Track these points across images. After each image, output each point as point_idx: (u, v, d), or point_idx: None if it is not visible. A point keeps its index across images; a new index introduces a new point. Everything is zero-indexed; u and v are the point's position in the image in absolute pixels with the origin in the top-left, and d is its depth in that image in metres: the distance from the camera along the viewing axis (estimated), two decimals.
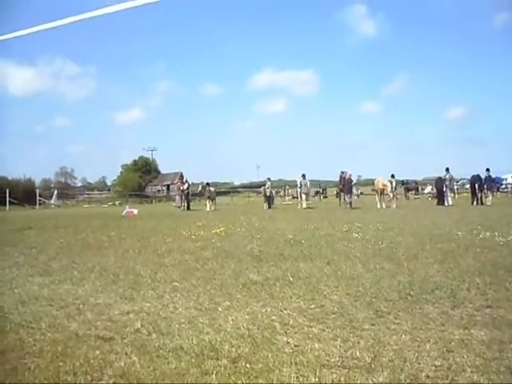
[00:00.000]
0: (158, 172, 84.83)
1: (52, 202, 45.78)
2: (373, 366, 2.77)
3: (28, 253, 8.07)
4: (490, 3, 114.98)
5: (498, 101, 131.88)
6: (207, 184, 28.50)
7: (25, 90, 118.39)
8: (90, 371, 2.78)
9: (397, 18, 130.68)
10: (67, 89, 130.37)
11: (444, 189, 24.75)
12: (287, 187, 49.64)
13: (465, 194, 32.59)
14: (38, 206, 40.84)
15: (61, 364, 2.88)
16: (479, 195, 24.41)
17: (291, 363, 2.82)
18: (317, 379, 2.61)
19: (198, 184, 31.75)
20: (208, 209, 26.15)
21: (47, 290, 5.05)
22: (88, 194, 67.25)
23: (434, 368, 2.72)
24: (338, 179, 26.95)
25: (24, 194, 43.34)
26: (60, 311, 4.18)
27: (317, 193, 48.06)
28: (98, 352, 3.08)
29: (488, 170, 24.57)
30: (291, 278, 5.38)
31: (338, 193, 31.57)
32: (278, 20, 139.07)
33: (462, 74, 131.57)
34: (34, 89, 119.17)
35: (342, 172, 25.75)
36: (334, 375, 2.66)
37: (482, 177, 24.48)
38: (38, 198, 42.40)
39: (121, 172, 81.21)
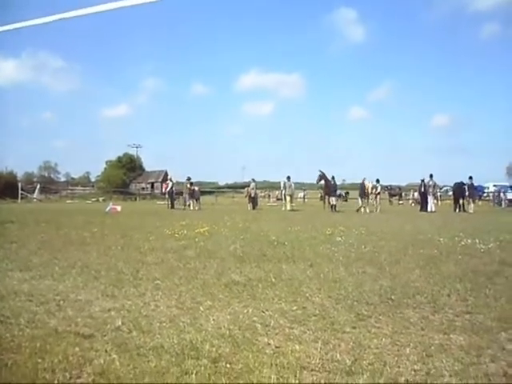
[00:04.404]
0: (143, 169, 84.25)
1: (34, 196, 44.93)
2: (353, 368, 2.78)
3: (8, 247, 7.93)
4: (477, 16, 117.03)
5: (483, 111, 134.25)
6: (191, 183, 28.29)
7: (9, 82, 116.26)
8: (68, 368, 2.73)
9: (385, 26, 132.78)
10: (53, 83, 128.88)
11: (427, 195, 25.06)
12: (270, 193, 49.57)
13: (447, 201, 33.04)
14: (19, 200, 40.04)
15: (39, 361, 2.83)
16: (461, 202, 24.79)
17: (272, 364, 2.82)
18: (297, 381, 2.61)
19: (183, 183, 31.52)
20: (192, 208, 26.08)
21: (27, 285, 4.97)
22: (71, 190, 66.20)
23: (413, 372, 2.75)
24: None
25: (5, 186, 42.24)
26: (40, 307, 4.12)
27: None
28: (77, 349, 3.03)
29: (471, 177, 24.97)
30: (273, 280, 5.38)
31: (321, 196, 31.64)
32: (267, 22, 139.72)
33: (447, 84, 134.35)
34: (18, 81, 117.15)
35: (320, 171, 25.23)
36: (315, 377, 2.67)
37: (465, 184, 24.87)
38: (20, 191, 41.58)
39: (105, 168, 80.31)
